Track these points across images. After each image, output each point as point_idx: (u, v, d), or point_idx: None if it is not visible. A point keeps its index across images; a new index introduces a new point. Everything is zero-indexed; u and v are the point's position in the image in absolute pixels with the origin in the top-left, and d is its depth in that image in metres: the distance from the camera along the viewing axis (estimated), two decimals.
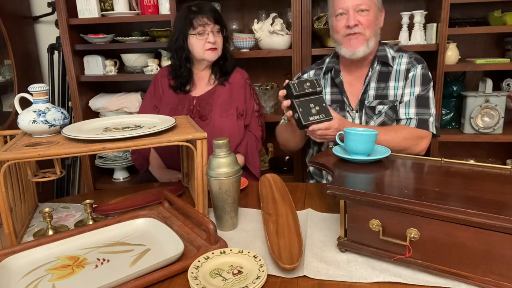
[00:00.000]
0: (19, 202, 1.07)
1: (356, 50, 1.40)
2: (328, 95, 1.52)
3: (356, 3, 1.37)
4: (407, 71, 1.44)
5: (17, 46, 2.33)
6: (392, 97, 1.45)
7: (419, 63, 1.44)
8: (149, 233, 0.97)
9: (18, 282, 0.79)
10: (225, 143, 1.00)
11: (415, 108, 1.41)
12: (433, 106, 1.43)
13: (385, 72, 1.46)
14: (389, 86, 1.45)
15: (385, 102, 1.45)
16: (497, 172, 0.93)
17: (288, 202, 1.10)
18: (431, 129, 1.41)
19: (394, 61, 1.46)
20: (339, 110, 1.48)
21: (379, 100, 1.45)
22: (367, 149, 1.04)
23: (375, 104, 1.45)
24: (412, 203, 0.77)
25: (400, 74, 1.45)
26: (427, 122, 1.40)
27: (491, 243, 0.72)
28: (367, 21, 1.38)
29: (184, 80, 1.66)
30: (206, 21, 1.55)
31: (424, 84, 1.42)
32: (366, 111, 1.46)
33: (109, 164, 2.31)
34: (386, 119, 1.45)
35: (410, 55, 1.47)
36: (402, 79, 1.44)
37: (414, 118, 1.41)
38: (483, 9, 2.07)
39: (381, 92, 1.45)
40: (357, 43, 1.39)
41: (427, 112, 1.41)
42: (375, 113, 1.45)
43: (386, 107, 1.44)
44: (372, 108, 1.45)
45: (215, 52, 1.60)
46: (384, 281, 0.78)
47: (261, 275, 0.77)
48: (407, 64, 1.44)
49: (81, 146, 0.95)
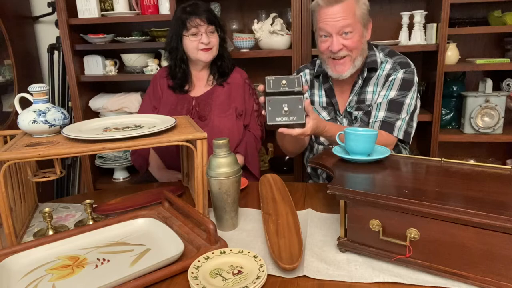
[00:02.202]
0: (19, 202, 1.07)
1: (342, 74, 1.37)
2: (323, 97, 1.51)
3: (339, 26, 1.29)
4: (387, 76, 1.40)
5: (17, 46, 2.33)
6: (368, 102, 1.42)
7: (402, 67, 1.39)
8: (149, 233, 0.97)
9: (18, 282, 0.79)
10: (225, 143, 1.00)
11: (385, 112, 1.37)
12: (406, 111, 1.37)
13: (369, 77, 1.43)
14: (367, 91, 1.42)
15: (362, 107, 1.42)
16: (497, 172, 0.93)
17: (288, 202, 1.10)
18: (395, 133, 1.35)
19: (380, 66, 1.43)
20: (333, 113, 1.48)
21: (357, 105, 1.43)
22: (367, 149, 1.04)
23: (353, 110, 1.44)
24: (412, 203, 0.77)
25: (380, 79, 1.41)
26: (392, 126, 1.35)
27: (491, 243, 0.72)
28: (352, 43, 1.32)
29: (181, 80, 1.66)
30: (199, 22, 1.55)
31: (402, 89, 1.37)
32: (347, 117, 1.45)
33: (109, 164, 2.31)
34: (362, 124, 1.42)
35: (396, 60, 1.42)
36: (381, 84, 1.41)
37: (379, 121, 1.36)
38: (483, 9, 2.07)
39: (360, 97, 1.43)
40: (343, 68, 1.35)
41: (396, 116, 1.36)
42: (352, 118, 1.44)
43: (361, 112, 1.42)
44: (350, 113, 1.44)
45: (209, 53, 1.60)
46: (384, 281, 0.78)
47: (261, 275, 0.77)
48: (389, 70, 1.41)
49: (81, 146, 0.95)
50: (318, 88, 1.53)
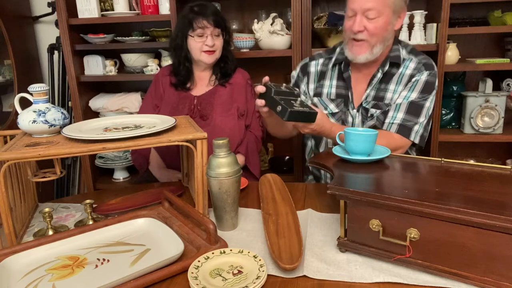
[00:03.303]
0: (19, 202, 1.07)
1: (357, 56, 1.34)
2: (333, 88, 1.46)
3: (365, 6, 1.26)
4: (411, 76, 1.36)
5: (17, 46, 2.33)
6: (388, 101, 1.38)
7: (427, 69, 1.36)
8: (149, 233, 0.97)
9: (18, 282, 0.79)
10: (225, 143, 1.00)
11: (404, 114, 1.34)
12: (425, 115, 1.35)
13: (391, 73, 1.39)
14: (388, 89, 1.39)
15: (380, 105, 1.39)
16: (497, 172, 0.93)
17: (288, 202, 1.10)
18: (412, 138, 1.34)
19: (403, 63, 1.38)
20: (343, 105, 1.44)
21: (374, 101, 1.40)
22: (367, 149, 1.04)
23: (370, 106, 1.40)
24: (412, 203, 0.77)
25: (403, 78, 1.37)
26: (410, 130, 1.34)
27: (491, 243, 0.72)
28: (374, 28, 1.28)
29: (184, 78, 1.66)
30: (206, 24, 1.55)
31: (424, 92, 1.35)
32: (362, 112, 1.41)
33: (109, 164, 2.31)
34: (378, 123, 1.39)
35: (421, 60, 1.39)
36: (403, 83, 1.37)
37: (396, 124, 1.34)
38: (483, 9, 2.07)
39: (379, 93, 1.40)
40: (359, 50, 1.32)
41: (415, 120, 1.34)
42: (368, 115, 1.40)
43: (379, 111, 1.38)
44: (366, 109, 1.40)
45: (212, 56, 1.60)
46: (384, 281, 0.78)
47: (261, 275, 0.77)
48: (413, 70, 1.37)
49: (81, 146, 0.95)
50: (329, 78, 1.48)
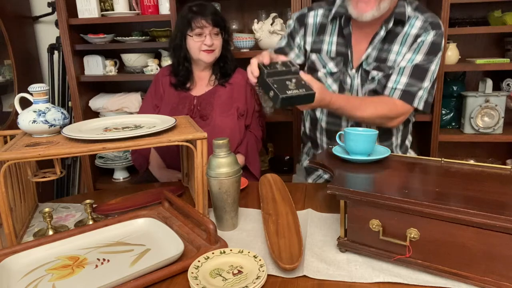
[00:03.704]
0: (19, 202, 1.07)
1: (363, 14, 1.21)
2: (333, 45, 1.35)
3: None
4: (416, 36, 1.26)
5: (17, 46, 2.33)
6: (391, 63, 1.29)
7: (434, 28, 1.25)
8: (149, 233, 0.97)
9: (18, 282, 0.79)
10: (225, 143, 1.00)
11: (408, 78, 1.25)
12: (429, 79, 1.26)
13: (395, 32, 1.28)
14: (392, 50, 1.28)
15: (382, 67, 1.29)
16: (497, 172, 0.93)
17: (288, 202, 1.10)
18: (415, 104, 1.26)
19: (408, 21, 1.27)
20: (342, 64, 1.35)
21: (376, 63, 1.30)
22: (367, 149, 1.04)
23: (371, 68, 1.30)
24: (412, 203, 0.77)
25: (408, 38, 1.27)
26: (413, 96, 1.26)
27: (491, 243, 0.72)
28: None
29: (183, 78, 1.66)
30: (204, 24, 1.55)
31: (429, 54, 1.25)
32: (361, 73, 1.32)
33: (109, 164, 2.31)
34: (378, 88, 1.30)
35: (427, 18, 1.27)
36: (408, 44, 1.27)
37: (399, 89, 1.26)
38: (483, 9, 2.07)
39: (381, 55, 1.29)
40: (365, 7, 1.20)
41: (419, 85, 1.25)
42: (369, 78, 1.31)
43: (381, 74, 1.29)
44: (367, 72, 1.31)
45: (211, 55, 1.60)
46: (384, 281, 0.78)
47: (261, 275, 0.77)
48: (420, 29, 1.26)
49: (81, 146, 0.95)
50: (330, 34, 1.37)
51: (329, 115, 1.42)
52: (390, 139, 1.43)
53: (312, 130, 1.52)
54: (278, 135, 2.42)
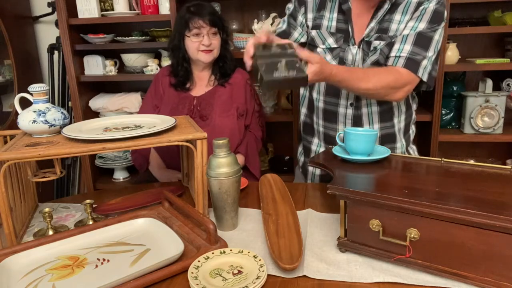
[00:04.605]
0: (19, 202, 1.07)
1: None
2: (333, 21, 1.32)
3: None
4: (418, 4, 1.23)
5: (17, 46, 2.33)
6: (392, 32, 1.25)
7: None
8: (149, 233, 0.97)
9: (18, 282, 0.79)
10: (225, 143, 1.00)
11: (411, 46, 1.21)
12: (433, 49, 1.23)
13: (397, 3, 1.25)
14: (393, 19, 1.25)
15: (383, 37, 1.26)
16: (497, 172, 0.93)
17: (288, 202, 1.10)
18: (420, 73, 1.22)
19: None
20: (342, 41, 1.31)
21: (378, 34, 1.26)
22: (367, 149, 1.04)
23: (373, 38, 1.27)
24: (412, 203, 0.77)
25: (410, 6, 1.24)
26: (418, 65, 1.21)
27: (491, 243, 0.72)
28: None
29: (183, 78, 1.66)
30: (202, 24, 1.56)
31: (432, 22, 1.22)
32: (363, 47, 1.28)
33: (109, 164, 2.31)
34: (381, 58, 1.27)
35: None
36: (410, 12, 1.24)
37: (403, 57, 1.21)
38: (483, 9, 2.07)
39: (383, 25, 1.26)
40: None
41: (423, 53, 1.21)
42: (371, 48, 1.27)
43: (383, 43, 1.25)
44: (369, 43, 1.27)
45: (209, 55, 1.60)
46: (384, 281, 0.78)
47: (261, 275, 0.77)
48: None
49: (81, 146, 0.95)
50: (330, 10, 1.34)
51: (326, 95, 1.38)
52: (391, 120, 1.38)
53: (309, 115, 1.48)
54: (278, 135, 2.42)
